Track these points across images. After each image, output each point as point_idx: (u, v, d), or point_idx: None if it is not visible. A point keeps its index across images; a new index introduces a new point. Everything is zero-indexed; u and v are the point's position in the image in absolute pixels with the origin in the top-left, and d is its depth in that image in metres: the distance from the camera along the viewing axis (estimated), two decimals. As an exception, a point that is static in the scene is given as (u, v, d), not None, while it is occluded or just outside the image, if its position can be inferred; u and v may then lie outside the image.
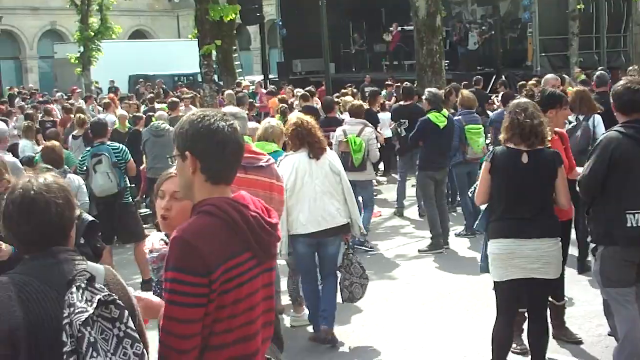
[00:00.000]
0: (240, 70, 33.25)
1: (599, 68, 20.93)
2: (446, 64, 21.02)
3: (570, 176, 6.48)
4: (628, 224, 5.59)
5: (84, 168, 10.27)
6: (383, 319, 8.49)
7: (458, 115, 12.17)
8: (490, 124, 12.80)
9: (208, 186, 3.12)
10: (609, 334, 7.06)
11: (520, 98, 7.09)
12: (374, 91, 16.41)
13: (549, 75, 12.93)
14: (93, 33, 33.75)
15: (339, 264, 7.88)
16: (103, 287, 2.94)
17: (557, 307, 7.30)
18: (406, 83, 15.35)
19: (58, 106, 23.95)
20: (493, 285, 6.35)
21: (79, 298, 2.85)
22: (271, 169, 6.68)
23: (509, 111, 6.24)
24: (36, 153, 11.83)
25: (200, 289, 2.94)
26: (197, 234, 2.99)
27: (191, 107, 17.46)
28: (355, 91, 20.85)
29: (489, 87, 23.05)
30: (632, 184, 5.62)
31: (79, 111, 17.10)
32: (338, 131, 11.24)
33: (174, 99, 17.89)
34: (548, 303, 7.10)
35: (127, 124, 15.83)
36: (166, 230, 3.90)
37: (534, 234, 6.05)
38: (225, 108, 9.24)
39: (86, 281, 2.91)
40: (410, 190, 14.39)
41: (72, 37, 38.59)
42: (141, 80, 34.97)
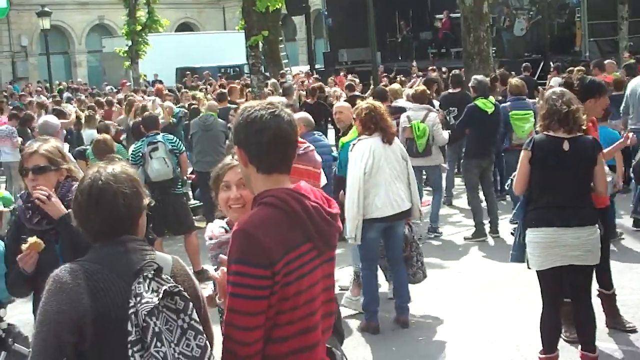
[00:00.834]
0: (286, 61, 33.30)
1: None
2: (493, 51, 20.83)
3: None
4: None
5: (139, 156, 10.30)
6: (434, 309, 8.48)
7: (507, 102, 12.09)
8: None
9: (261, 177, 3.12)
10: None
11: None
12: (430, 79, 16.44)
13: (608, 61, 12.75)
14: (140, 27, 34.04)
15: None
16: (169, 278, 2.99)
17: (608, 296, 7.25)
18: (455, 71, 15.26)
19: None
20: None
21: (146, 288, 2.90)
22: (308, 156, 6.79)
23: (545, 99, 6.22)
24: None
25: (263, 281, 2.93)
26: (259, 226, 2.98)
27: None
28: (404, 79, 20.79)
29: (537, 74, 22.81)
30: None
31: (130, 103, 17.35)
32: (402, 117, 11.27)
33: (222, 90, 17.97)
34: (598, 293, 7.07)
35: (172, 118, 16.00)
36: (241, 216, 3.85)
37: (575, 222, 6.04)
38: (268, 99, 9.37)
39: (153, 271, 2.96)
40: (459, 178, 14.33)
41: (120, 31, 38.97)
42: (188, 72, 35.18)
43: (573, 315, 6.50)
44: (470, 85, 11.91)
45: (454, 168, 14.18)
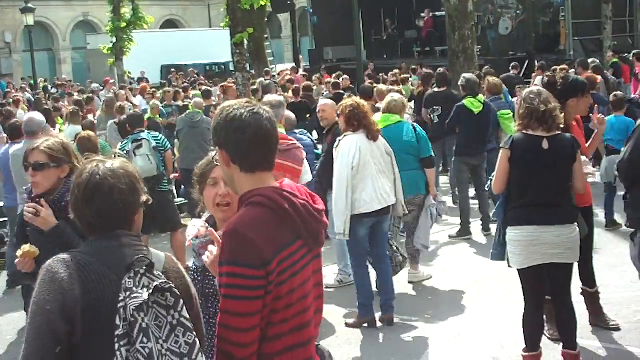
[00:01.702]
0: (271, 58, 33.29)
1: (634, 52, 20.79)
2: (478, 50, 20.86)
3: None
4: None
5: (124, 152, 10.29)
6: (418, 307, 8.51)
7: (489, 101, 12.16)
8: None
9: (244, 176, 3.10)
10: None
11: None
12: (428, 74, 16.58)
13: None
14: (125, 23, 33.85)
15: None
16: (161, 275, 3.00)
17: (591, 294, 7.29)
18: (440, 69, 15.29)
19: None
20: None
21: (136, 283, 2.90)
22: (291, 153, 7.15)
23: (523, 99, 6.26)
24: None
25: (257, 281, 2.92)
26: (250, 226, 2.97)
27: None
28: (385, 78, 20.80)
29: (522, 72, 22.88)
30: None
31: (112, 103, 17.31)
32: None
33: (208, 88, 17.97)
34: (581, 291, 7.11)
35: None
36: (227, 216, 3.78)
37: (556, 221, 6.08)
38: (265, 97, 9.47)
39: (145, 267, 2.96)
40: (443, 177, 14.37)
41: (105, 28, 38.82)
42: (173, 70, 35.12)
43: (554, 313, 6.54)
44: (459, 83, 11.99)
45: (439, 166, 14.20)
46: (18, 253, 4.53)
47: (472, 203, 11.81)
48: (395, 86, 16.42)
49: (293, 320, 3.06)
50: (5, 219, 11.25)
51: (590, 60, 18.71)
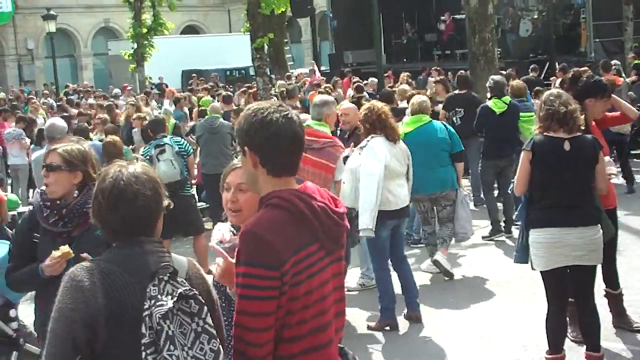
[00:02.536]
0: (291, 63, 33.34)
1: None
2: (498, 52, 20.80)
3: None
4: None
5: (147, 159, 10.30)
6: (441, 309, 8.51)
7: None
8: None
9: (271, 179, 3.12)
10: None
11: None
12: (444, 79, 16.63)
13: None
14: (146, 29, 34.01)
15: None
16: (184, 282, 3.00)
17: (615, 296, 7.24)
18: (461, 72, 15.30)
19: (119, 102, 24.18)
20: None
21: (160, 291, 2.90)
22: (327, 151, 7.64)
23: (543, 101, 6.24)
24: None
25: (272, 282, 2.94)
26: (267, 227, 2.99)
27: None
28: (411, 80, 20.77)
29: (542, 74, 22.78)
30: None
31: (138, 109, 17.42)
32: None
33: (228, 93, 18.02)
34: (605, 293, 7.08)
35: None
36: (236, 222, 3.87)
37: (578, 222, 6.06)
38: (316, 97, 9.85)
39: (169, 275, 2.96)
40: (464, 181, 14.32)
41: (126, 34, 39.00)
42: (194, 75, 35.24)
43: (577, 315, 6.52)
44: (487, 85, 12.11)
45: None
46: (55, 254, 4.51)
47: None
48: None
49: (311, 322, 3.07)
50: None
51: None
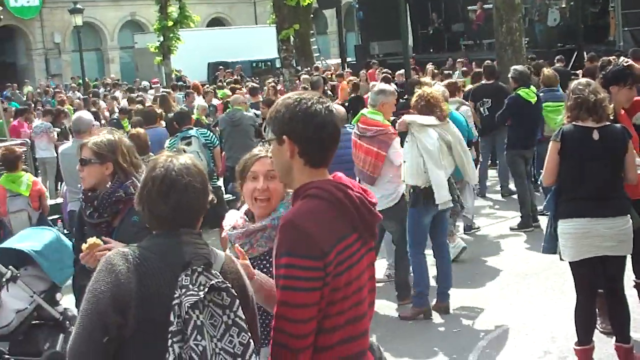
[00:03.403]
0: (317, 54, 33.28)
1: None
2: (525, 42, 20.65)
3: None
4: None
5: (174, 150, 10.32)
6: (469, 300, 8.48)
7: (540, 93, 12.01)
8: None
9: (307, 170, 3.09)
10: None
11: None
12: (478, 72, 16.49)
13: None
14: (172, 22, 34.10)
15: None
16: (218, 274, 2.98)
17: (643, 287, 7.18)
18: (488, 62, 15.20)
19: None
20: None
21: (193, 281, 2.90)
22: (378, 139, 7.90)
23: (571, 90, 6.15)
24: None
25: (316, 273, 2.93)
26: (308, 218, 2.97)
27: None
28: (436, 71, 20.66)
29: (571, 64, 22.58)
30: None
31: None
32: None
33: (255, 85, 18.01)
34: (634, 284, 7.01)
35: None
36: (263, 212, 3.86)
37: (608, 213, 5.99)
38: (377, 85, 10.07)
39: (203, 266, 2.95)
40: (491, 171, 14.27)
41: (152, 27, 39.12)
42: (220, 67, 35.29)
43: (607, 306, 6.46)
44: (510, 76, 11.86)
45: (487, 159, 14.08)
46: (83, 246, 4.58)
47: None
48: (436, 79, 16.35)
49: (349, 312, 3.06)
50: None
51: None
